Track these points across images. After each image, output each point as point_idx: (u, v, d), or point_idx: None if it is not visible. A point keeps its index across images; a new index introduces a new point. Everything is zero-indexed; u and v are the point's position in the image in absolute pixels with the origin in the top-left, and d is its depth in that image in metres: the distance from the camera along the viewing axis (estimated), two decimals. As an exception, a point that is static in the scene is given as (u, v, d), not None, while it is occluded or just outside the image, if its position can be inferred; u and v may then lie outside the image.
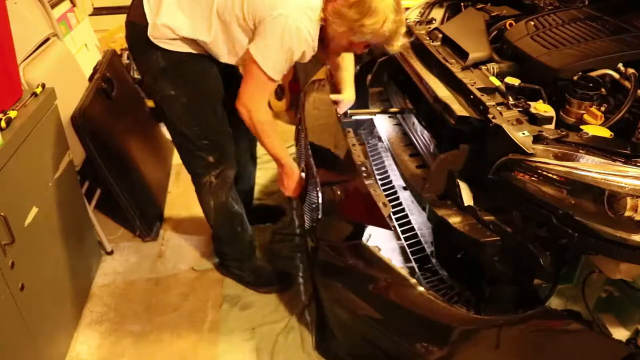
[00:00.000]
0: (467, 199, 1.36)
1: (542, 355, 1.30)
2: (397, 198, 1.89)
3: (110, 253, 2.27)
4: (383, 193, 1.40)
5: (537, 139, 1.21)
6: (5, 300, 1.41)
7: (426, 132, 1.62)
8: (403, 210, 1.85)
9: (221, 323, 1.91)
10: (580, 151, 1.17)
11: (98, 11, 3.54)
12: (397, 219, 1.84)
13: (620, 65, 1.40)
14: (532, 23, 1.70)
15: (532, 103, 1.35)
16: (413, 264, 1.69)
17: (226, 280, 2.11)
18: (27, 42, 1.94)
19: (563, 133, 1.23)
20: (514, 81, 1.46)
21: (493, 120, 1.28)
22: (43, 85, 1.70)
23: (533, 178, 1.17)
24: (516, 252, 1.26)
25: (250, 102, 1.55)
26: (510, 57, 1.64)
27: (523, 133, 1.22)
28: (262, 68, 1.48)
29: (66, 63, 2.16)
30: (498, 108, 1.32)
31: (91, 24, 2.97)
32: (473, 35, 1.71)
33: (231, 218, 1.94)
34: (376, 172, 2.05)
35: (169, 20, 1.52)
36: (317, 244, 1.51)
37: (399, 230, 1.80)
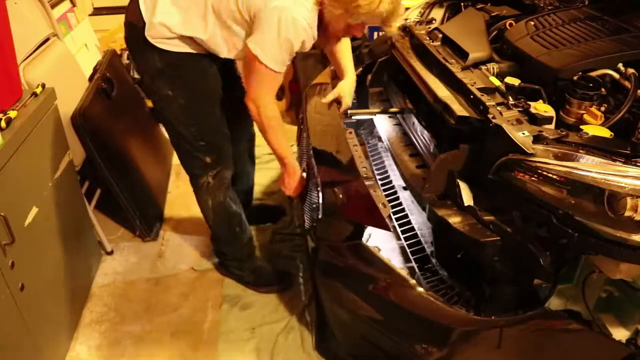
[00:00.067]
0: (467, 199, 1.36)
1: (542, 356, 1.30)
2: (397, 198, 1.89)
3: (110, 253, 2.27)
4: (383, 194, 1.40)
5: (537, 139, 1.21)
6: (5, 300, 1.41)
7: (426, 132, 1.62)
8: (403, 210, 1.85)
9: (221, 323, 1.91)
10: (580, 151, 1.17)
11: (98, 11, 3.54)
12: (397, 219, 1.84)
13: (620, 65, 1.40)
14: (532, 23, 1.70)
15: (532, 103, 1.35)
16: (413, 264, 1.69)
17: (226, 280, 2.10)
18: (27, 42, 1.94)
19: (563, 133, 1.23)
20: (514, 81, 1.46)
21: (493, 120, 1.28)
22: (43, 85, 1.70)
23: (533, 178, 1.17)
24: (516, 252, 1.26)
25: (258, 98, 1.54)
26: (510, 57, 1.64)
27: (523, 133, 1.22)
28: (263, 62, 1.47)
29: (66, 63, 2.16)
30: (498, 108, 1.32)
31: (91, 24, 2.97)
32: (473, 35, 1.71)
33: (229, 218, 1.94)
34: (376, 172, 2.05)
35: (165, 18, 1.52)
36: (318, 244, 1.51)
37: (399, 230, 1.80)
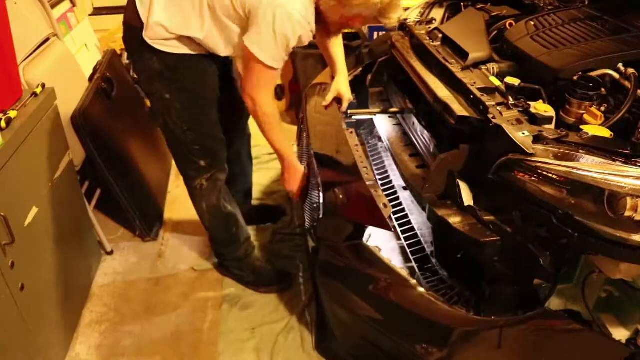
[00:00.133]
0: (467, 199, 1.36)
1: (542, 356, 1.30)
2: (397, 198, 1.89)
3: (110, 253, 2.27)
4: (384, 194, 1.40)
5: (537, 139, 1.21)
6: (5, 300, 1.41)
7: (426, 132, 1.62)
8: (403, 210, 1.85)
9: (221, 323, 1.91)
10: (580, 151, 1.17)
11: (98, 11, 3.54)
12: (397, 219, 1.84)
13: (620, 65, 1.40)
14: (532, 23, 1.70)
15: (532, 103, 1.35)
16: (413, 264, 1.69)
17: (226, 280, 2.10)
18: (27, 42, 1.94)
19: (563, 133, 1.22)
20: (514, 81, 1.46)
21: (493, 120, 1.28)
22: (43, 85, 1.70)
23: (533, 178, 1.17)
24: (516, 252, 1.26)
25: (255, 94, 1.54)
26: (510, 57, 1.63)
27: (523, 133, 1.22)
28: (260, 59, 1.46)
29: (66, 63, 2.16)
30: (498, 108, 1.32)
31: (91, 24, 2.97)
32: (473, 35, 1.71)
33: (225, 219, 1.94)
34: (376, 172, 2.05)
35: (162, 18, 1.51)
36: (318, 244, 1.51)
37: (399, 230, 1.80)
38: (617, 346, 1.26)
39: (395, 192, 1.91)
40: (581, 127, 1.25)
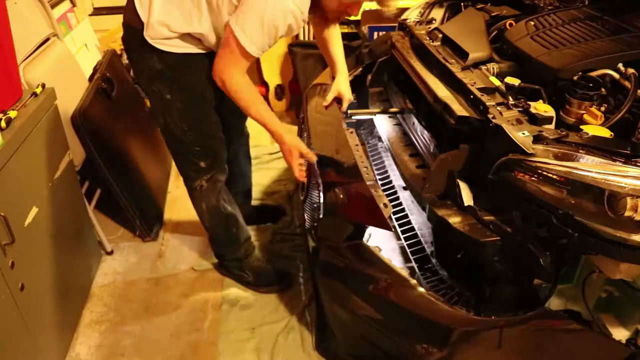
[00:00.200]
0: (467, 199, 1.36)
1: (543, 356, 1.29)
2: (397, 198, 1.89)
3: (110, 253, 2.27)
4: (384, 194, 1.40)
5: (537, 139, 1.21)
6: (5, 300, 1.41)
7: (426, 132, 1.62)
8: (403, 210, 1.85)
9: (221, 323, 1.92)
10: (580, 151, 1.17)
11: (98, 11, 3.53)
12: (397, 219, 1.84)
13: (620, 65, 1.40)
14: (532, 23, 1.70)
15: (532, 103, 1.35)
16: (413, 264, 1.69)
17: (226, 280, 2.11)
18: (27, 42, 1.94)
19: (563, 133, 1.22)
20: (514, 81, 1.46)
21: (493, 120, 1.28)
22: (43, 85, 1.70)
23: (533, 178, 1.17)
24: (516, 252, 1.26)
25: (225, 75, 1.48)
26: (510, 57, 1.63)
27: (523, 133, 1.22)
28: (240, 42, 1.39)
29: (66, 63, 2.16)
30: (498, 108, 1.32)
31: (91, 24, 2.97)
32: (473, 35, 1.71)
33: (225, 220, 1.93)
34: (376, 172, 2.05)
35: (162, 16, 1.50)
36: (318, 244, 1.51)
37: (399, 230, 1.80)
38: (617, 346, 1.26)
39: (395, 192, 1.91)
40: (581, 127, 1.25)
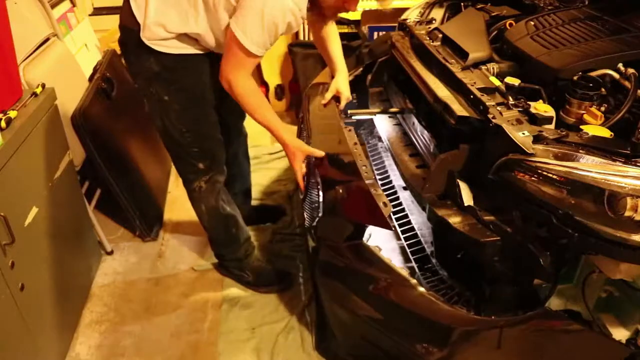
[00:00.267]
0: (467, 199, 1.36)
1: (542, 356, 1.30)
2: (397, 198, 1.89)
3: (110, 253, 2.27)
4: (383, 193, 1.40)
5: (537, 139, 1.21)
6: (5, 300, 1.41)
7: (426, 132, 1.62)
8: (403, 210, 1.85)
9: (221, 323, 1.91)
10: (580, 151, 1.17)
11: (98, 11, 3.53)
12: (397, 219, 1.84)
13: (620, 65, 1.40)
14: (532, 23, 1.70)
15: (532, 103, 1.35)
16: (413, 264, 1.69)
17: (226, 280, 2.11)
18: (27, 42, 1.94)
19: (563, 133, 1.23)
20: (514, 81, 1.46)
21: (493, 120, 1.28)
22: (43, 85, 1.70)
23: (533, 178, 1.17)
24: (516, 252, 1.26)
25: (232, 77, 1.49)
26: (510, 57, 1.63)
27: (523, 133, 1.22)
28: (242, 43, 1.41)
29: (66, 63, 2.16)
30: (498, 108, 1.32)
31: (91, 24, 2.97)
32: (473, 35, 1.71)
33: (225, 221, 1.93)
34: (376, 172, 2.05)
35: (159, 17, 1.49)
36: (318, 244, 1.51)
37: (399, 230, 1.80)
38: (616, 346, 1.26)
39: (395, 192, 1.91)
40: (581, 127, 1.25)
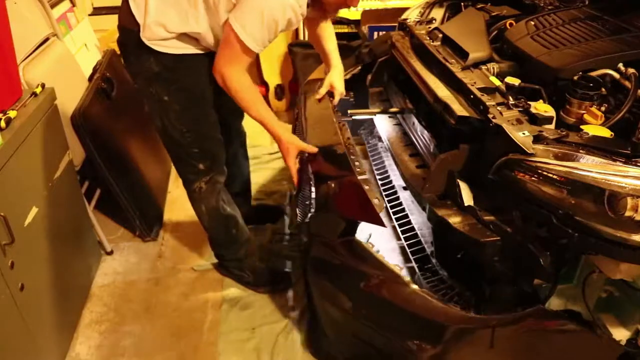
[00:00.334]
0: (467, 199, 1.36)
1: (536, 354, 1.30)
2: (397, 198, 1.89)
3: (110, 253, 2.27)
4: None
5: (537, 139, 1.21)
6: (5, 300, 1.41)
7: (426, 132, 1.62)
8: (403, 210, 1.85)
9: (221, 323, 1.91)
10: (580, 151, 1.17)
11: (98, 11, 3.53)
12: (397, 219, 1.84)
13: (620, 65, 1.40)
14: (532, 23, 1.70)
15: (532, 103, 1.35)
16: (413, 264, 1.69)
17: (226, 280, 2.10)
18: (27, 42, 1.93)
19: (563, 133, 1.23)
20: (514, 81, 1.46)
21: (493, 120, 1.28)
22: (43, 85, 1.70)
23: (533, 178, 1.17)
24: (516, 252, 1.26)
25: (225, 71, 1.48)
26: (510, 57, 1.64)
27: (523, 133, 1.22)
28: (241, 38, 1.39)
29: (66, 63, 2.16)
30: (498, 108, 1.32)
31: (91, 24, 2.96)
32: (473, 35, 1.71)
33: (225, 221, 1.92)
34: (376, 172, 2.05)
35: (159, 16, 1.49)
36: (310, 240, 1.50)
37: (399, 230, 1.80)
38: (609, 345, 1.27)
39: (395, 192, 1.91)
40: (581, 127, 1.25)
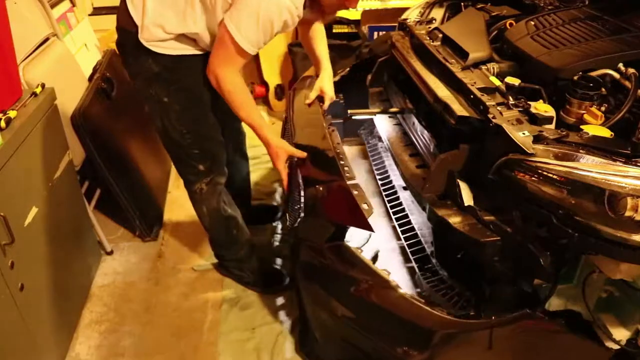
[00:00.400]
0: (467, 199, 1.36)
1: (525, 358, 1.30)
2: (397, 198, 1.89)
3: (110, 253, 2.27)
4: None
5: (537, 139, 1.21)
6: (5, 300, 1.41)
7: (426, 132, 1.62)
8: (403, 210, 1.85)
9: (221, 323, 1.91)
10: (580, 151, 1.17)
11: (98, 11, 3.53)
12: (397, 219, 1.84)
13: (620, 65, 1.40)
14: (532, 23, 1.70)
15: (533, 103, 1.35)
16: (413, 264, 1.69)
17: (226, 280, 2.10)
18: (27, 42, 1.93)
19: (563, 133, 1.23)
20: (514, 81, 1.46)
21: (493, 120, 1.28)
22: (43, 85, 1.70)
23: (533, 178, 1.17)
24: (516, 252, 1.26)
25: (219, 72, 1.47)
26: (510, 57, 1.64)
27: (523, 133, 1.22)
28: (236, 40, 1.39)
29: (66, 63, 2.16)
30: (498, 108, 1.32)
31: (91, 24, 2.96)
32: (473, 35, 1.71)
33: (226, 222, 1.92)
34: (376, 172, 2.05)
35: (157, 17, 1.48)
36: (300, 245, 1.49)
37: (399, 230, 1.80)
38: (600, 349, 1.27)
39: (395, 192, 1.91)
40: (581, 127, 1.25)
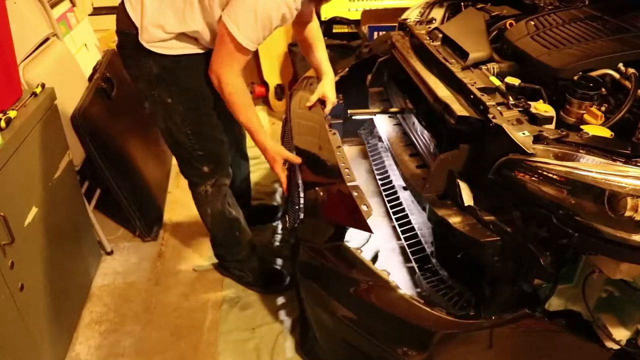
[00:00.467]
0: (467, 199, 1.36)
1: (524, 359, 1.30)
2: (397, 198, 1.89)
3: (110, 253, 2.27)
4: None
5: (538, 139, 1.21)
6: (5, 300, 1.41)
7: (426, 132, 1.61)
8: (403, 210, 1.85)
9: (221, 323, 1.91)
10: (580, 151, 1.17)
11: (98, 11, 3.53)
12: (397, 219, 1.84)
13: (620, 65, 1.40)
14: (533, 23, 1.70)
15: (533, 103, 1.35)
16: (413, 264, 1.69)
17: (226, 280, 2.11)
18: (27, 42, 1.94)
19: (563, 133, 1.22)
20: (514, 81, 1.46)
21: (493, 120, 1.28)
22: (43, 85, 1.70)
23: (533, 178, 1.17)
24: (516, 252, 1.26)
25: (221, 72, 1.48)
26: (510, 57, 1.63)
27: (523, 133, 1.22)
28: (235, 37, 1.39)
29: (66, 63, 2.16)
30: (498, 108, 1.32)
31: (91, 24, 2.96)
32: (473, 35, 1.71)
33: (229, 224, 1.92)
34: (376, 172, 2.05)
35: (156, 18, 1.48)
36: (299, 245, 1.50)
37: (399, 230, 1.80)
38: (598, 349, 1.27)
39: (395, 192, 1.91)
40: (581, 127, 1.25)
